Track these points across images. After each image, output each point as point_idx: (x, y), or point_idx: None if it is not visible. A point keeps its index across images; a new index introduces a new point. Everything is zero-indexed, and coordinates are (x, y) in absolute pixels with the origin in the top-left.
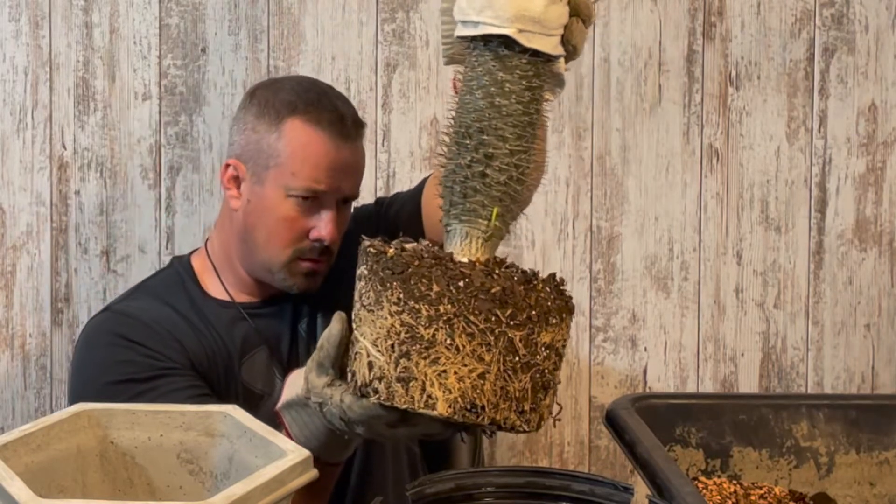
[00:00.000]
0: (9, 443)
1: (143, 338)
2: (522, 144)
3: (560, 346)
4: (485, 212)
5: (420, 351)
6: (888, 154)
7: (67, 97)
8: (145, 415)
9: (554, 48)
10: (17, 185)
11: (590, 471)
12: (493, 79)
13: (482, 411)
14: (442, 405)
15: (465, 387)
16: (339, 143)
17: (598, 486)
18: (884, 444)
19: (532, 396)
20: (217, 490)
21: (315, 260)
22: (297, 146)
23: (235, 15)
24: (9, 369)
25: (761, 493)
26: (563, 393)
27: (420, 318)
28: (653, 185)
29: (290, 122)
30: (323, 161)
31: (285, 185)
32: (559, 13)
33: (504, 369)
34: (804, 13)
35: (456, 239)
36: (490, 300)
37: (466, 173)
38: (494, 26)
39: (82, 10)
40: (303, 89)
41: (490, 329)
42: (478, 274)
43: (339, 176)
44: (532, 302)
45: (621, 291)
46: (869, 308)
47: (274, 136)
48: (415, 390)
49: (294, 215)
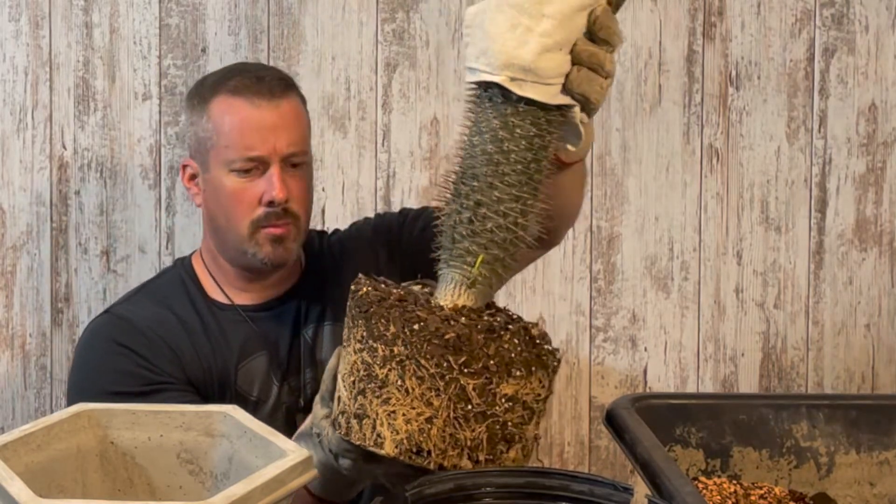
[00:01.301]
0: (9, 443)
1: (140, 346)
2: (513, 193)
3: (530, 399)
4: (469, 258)
5: (374, 390)
6: (888, 154)
7: (67, 97)
8: (145, 415)
9: (551, 97)
10: (17, 185)
11: (590, 471)
12: (488, 125)
13: (428, 455)
14: (389, 445)
15: (411, 429)
16: (261, 104)
17: (597, 486)
18: (884, 444)
19: (488, 447)
20: (217, 490)
21: (276, 225)
22: (222, 121)
23: (235, 15)
24: (9, 369)
25: (761, 493)
26: (564, 393)
27: (376, 357)
28: (653, 185)
29: (213, 102)
30: (249, 126)
31: (224, 162)
32: (557, 62)
33: (454, 416)
34: (804, 13)
35: (443, 284)
36: (443, 345)
37: (456, 218)
38: (487, 73)
39: (82, 10)
40: (224, 70)
41: (440, 374)
42: (434, 319)
43: (270, 136)
44: (491, 351)
45: (621, 291)
46: (869, 308)
47: (204, 120)
48: (367, 428)
49: (241, 187)
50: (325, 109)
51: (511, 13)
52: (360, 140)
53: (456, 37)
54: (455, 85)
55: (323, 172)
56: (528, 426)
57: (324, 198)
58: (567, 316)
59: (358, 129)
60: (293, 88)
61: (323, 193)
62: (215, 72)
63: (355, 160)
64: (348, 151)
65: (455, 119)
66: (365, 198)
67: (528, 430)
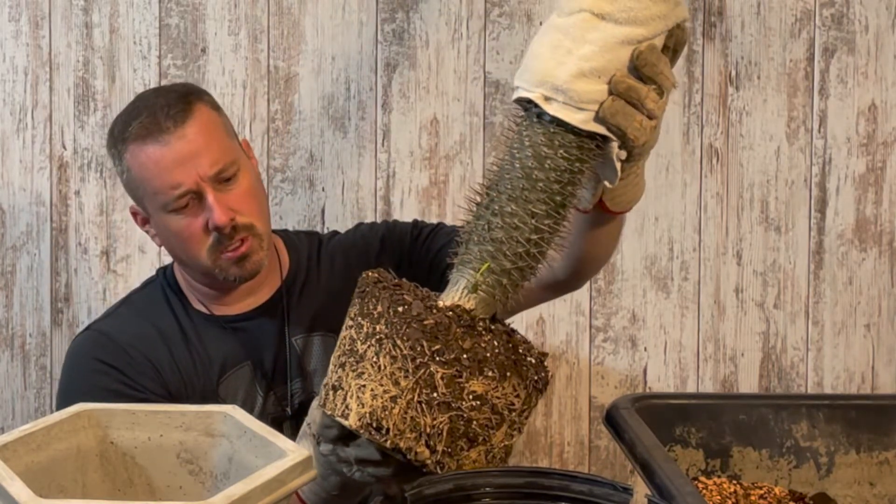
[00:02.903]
0: (9, 443)
1: (121, 363)
2: (529, 209)
3: (500, 404)
4: (477, 264)
5: (352, 364)
6: (888, 154)
7: (67, 97)
8: (145, 415)
9: (581, 122)
10: (17, 185)
11: (590, 471)
12: (520, 139)
13: (386, 434)
14: (353, 417)
15: (376, 405)
16: (168, 139)
17: (596, 486)
18: (884, 444)
19: (447, 439)
20: (217, 490)
21: (233, 247)
22: (141, 169)
23: (235, 15)
24: (9, 369)
25: (761, 493)
26: (563, 393)
27: (361, 333)
28: (653, 185)
29: (126, 154)
30: (164, 166)
31: (160, 206)
32: (591, 89)
33: (418, 400)
34: (804, 13)
35: (449, 286)
36: (420, 330)
37: (474, 224)
38: (524, 90)
39: (82, 10)
40: (124, 114)
41: (412, 357)
42: (419, 305)
43: (189, 166)
44: (466, 345)
45: (621, 291)
46: (869, 308)
47: (127, 172)
48: (339, 398)
49: (184, 223)
50: (325, 109)
51: (556, 35)
52: (360, 140)
53: (455, 37)
54: (455, 85)
55: (323, 172)
56: (495, 431)
57: (324, 198)
58: (567, 316)
59: (358, 129)
60: (196, 101)
61: (323, 193)
62: (118, 117)
63: (355, 160)
64: (348, 151)
65: (455, 119)
66: (365, 198)
67: (496, 436)
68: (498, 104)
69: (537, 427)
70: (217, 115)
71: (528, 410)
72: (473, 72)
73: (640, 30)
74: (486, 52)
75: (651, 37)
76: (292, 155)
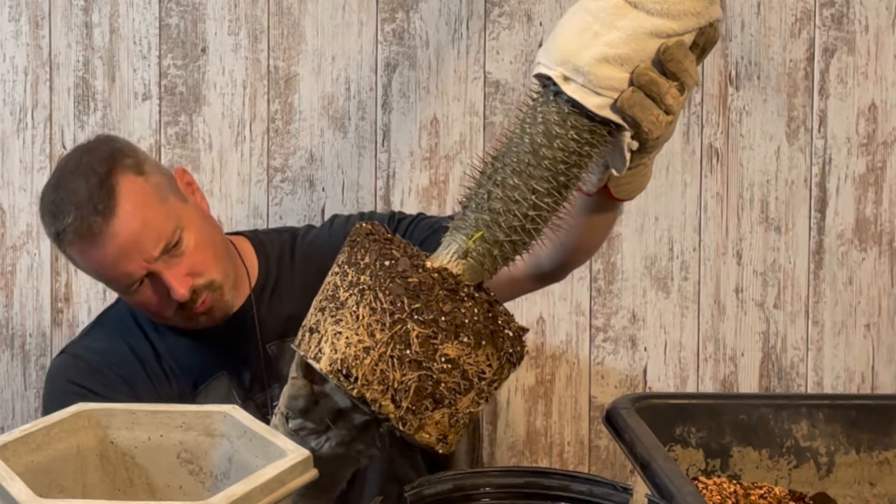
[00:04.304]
0: (9, 443)
1: (96, 385)
2: (532, 185)
3: (471, 371)
4: (470, 231)
5: (332, 309)
6: (888, 154)
7: (67, 97)
8: (145, 415)
9: (598, 107)
10: (17, 185)
11: (589, 471)
12: (533, 115)
13: (354, 382)
14: (325, 361)
15: (348, 353)
16: (103, 241)
17: (596, 486)
18: (884, 444)
19: (413, 397)
20: (217, 490)
21: (197, 307)
22: (87, 267)
23: (235, 15)
24: (9, 369)
25: (761, 493)
26: (563, 393)
27: (345, 280)
28: (653, 184)
29: (68, 253)
30: (109, 265)
31: (119, 290)
32: (612, 76)
33: (390, 354)
34: (804, 13)
35: (440, 247)
36: (403, 286)
37: (475, 192)
38: (544, 66)
39: (82, 10)
40: (49, 204)
41: (391, 312)
42: (406, 262)
43: (134, 256)
44: (445, 309)
45: (621, 291)
46: (869, 308)
47: (76, 264)
48: (313, 341)
49: (146, 296)
50: (325, 109)
51: (586, 17)
52: (359, 140)
53: (455, 37)
54: (455, 85)
55: (323, 172)
56: (462, 396)
57: (324, 197)
58: (567, 316)
59: (358, 129)
60: (118, 174)
61: (323, 193)
62: (46, 202)
63: (355, 160)
64: (348, 151)
65: (455, 119)
66: (365, 198)
67: (462, 401)
68: (498, 104)
69: (537, 427)
70: (143, 180)
71: (498, 381)
72: (473, 72)
73: (671, 23)
74: (486, 52)
75: (681, 32)
76: (292, 155)
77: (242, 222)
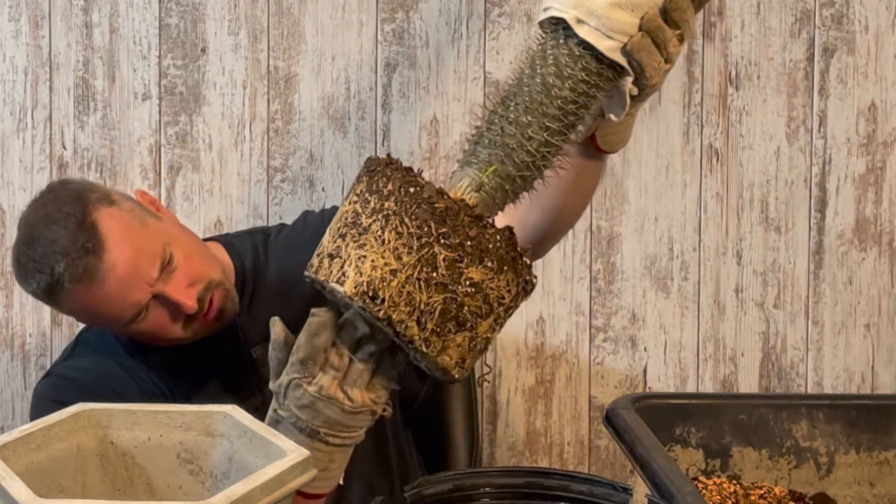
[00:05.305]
0: (9, 443)
1: (87, 401)
2: (544, 123)
3: (493, 296)
4: (483, 165)
5: (354, 235)
6: (888, 154)
7: (67, 97)
8: (145, 415)
9: (609, 50)
10: (17, 185)
11: (589, 471)
12: (543, 55)
13: (381, 304)
14: (349, 284)
15: (374, 276)
16: (100, 277)
17: (596, 486)
18: (884, 444)
19: (438, 319)
20: (217, 490)
21: (205, 314)
22: (88, 308)
23: (235, 15)
24: (9, 369)
25: (761, 493)
26: (563, 393)
27: (367, 207)
28: (653, 184)
29: (64, 302)
30: (115, 298)
31: (124, 324)
32: (624, 20)
33: (417, 277)
34: (804, 13)
35: (453, 181)
36: (430, 212)
37: (486, 128)
38: (557, 9)
39: (82, 10)
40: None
41: (418, 236)
42: (431, 188)
43: (137, 284)
44: (472, 234)
45: (621, 291)
46: (869, 308)
47: (73, 313)
48: (335, 266)
49: (153, 321)
50: (325, 109)
51: None
52: (359, 140)
53: (455, 37)
54: (455, 85)
55: (323, 172)
56: (482, 321)
57: (324, 198)
58: (567, 316)
59: (358, 129)
60: (93, 212)
61: (323, 193)
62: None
63: (355, 160)
64: (348, 151)
65: (455, 119)
66: None
67: (482, 326)
68: None
69: (537, 427)
70: (117, 209)
71: (513, 308)
72: (473, 72)
73: None
74: (486, 52)
75: None
76: (292, 155)
77: (242, 222)
